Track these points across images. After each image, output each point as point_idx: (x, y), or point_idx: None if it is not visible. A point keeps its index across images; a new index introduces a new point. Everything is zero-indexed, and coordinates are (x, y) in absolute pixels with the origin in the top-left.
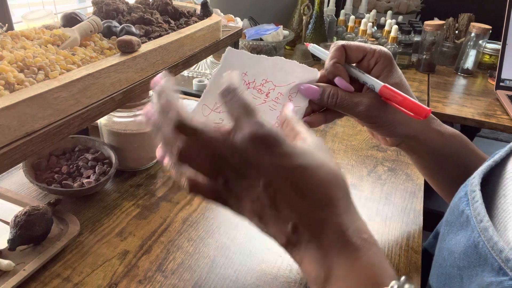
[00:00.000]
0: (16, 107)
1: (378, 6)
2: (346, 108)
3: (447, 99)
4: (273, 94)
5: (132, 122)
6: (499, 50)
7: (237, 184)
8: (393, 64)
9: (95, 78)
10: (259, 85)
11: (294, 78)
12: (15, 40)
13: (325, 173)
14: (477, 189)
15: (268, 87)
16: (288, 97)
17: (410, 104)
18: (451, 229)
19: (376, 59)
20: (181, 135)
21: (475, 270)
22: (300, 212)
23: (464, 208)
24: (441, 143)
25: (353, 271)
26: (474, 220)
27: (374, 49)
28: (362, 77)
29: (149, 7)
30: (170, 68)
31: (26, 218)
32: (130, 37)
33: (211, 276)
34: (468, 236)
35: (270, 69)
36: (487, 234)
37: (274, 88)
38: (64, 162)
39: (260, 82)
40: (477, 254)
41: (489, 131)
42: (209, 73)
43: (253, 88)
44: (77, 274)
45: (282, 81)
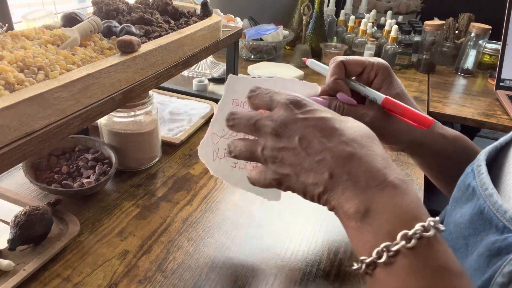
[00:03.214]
0: (16, 107)
1: (378, 6)
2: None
3: (447, 99)
4: None
5: (132, 122)
6: (499, 50)
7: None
8: (392, 75)
9: (95, 78)
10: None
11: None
12: (15, 40)
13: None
14: (482, 164)
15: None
16: None
17: (412, 115)
18: (457, 204)
19: (376, 71)
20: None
21: (480, 236)
22: (332, 153)
23: (470, 182)
24: (444, 146)
25: (393, 205)
26: (480, 189)
27: (373, 62)
28: (364, 91)
29: (149, 7)
30: (170, 68)
31: (26, 218)
32: (130, 37)
33: (211, 276)
34: (473, 205)
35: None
36: (492, 199)
37: None
38: (64, 162)
39: None
40: (482, 219)
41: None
42: (209, 73)
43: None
44: (77, 274)
45: None
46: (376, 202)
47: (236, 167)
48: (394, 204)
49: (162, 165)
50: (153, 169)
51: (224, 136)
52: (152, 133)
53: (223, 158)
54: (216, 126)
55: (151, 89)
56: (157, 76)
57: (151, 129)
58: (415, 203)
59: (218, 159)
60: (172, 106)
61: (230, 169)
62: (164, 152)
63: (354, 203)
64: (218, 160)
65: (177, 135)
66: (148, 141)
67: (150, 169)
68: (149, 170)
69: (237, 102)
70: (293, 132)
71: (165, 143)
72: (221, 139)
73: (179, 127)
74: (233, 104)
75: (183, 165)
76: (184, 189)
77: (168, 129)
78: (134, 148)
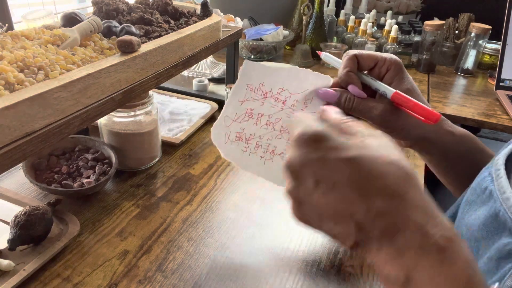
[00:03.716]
0: (16, 107)
1: (378, 6)
2: (362, 111)
3: (447, 99)
4: (290, 102)
5: (132, 122)
6: (499, 50)
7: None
8: (404, 71)
9: (95, 78)
10: (276, 94)
11: (308, 85)
12: (15, 40)
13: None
14: (501, 168)
15: (284, 96)
16: (303, 103)
17: (420, 109)
18: (471, 207)
19: (387, 66)
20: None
21: (492, 239)
22: (359, 206)
23: (488, 185)
24: (453, 143)
25: (440, 274)
26: (498, 193)
27: (385, 57)
28: (374, 84)
29: (149, 7)
30: (170, 68)
31: (26, 218)
32: (130, 37)
33: (211, 276)
34: (489, 208)
35: (286, 78)
36: (509, 203)
37: (290, 96)
38: (64, 162)
39: (277, 91)
40: (497, 222)
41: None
42: (209, 73)
43: (270, 97)
44: (77, 274)
45: (298, 88)
46: (419, 271)
47: (246, 151)
48: (440, 273)
49: (162, 165)
50: (153, 169)
51: (236, 120)
52: (152, 133)
53: (235, 142)
54: (230, 109)
55: (151, 89)
56: (157, 76)
57: (151, 129)
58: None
59: (229, 142)
60: (172, 106)
61: (241, 152)
62: (164, 152)
63: (392, 267)
64: (230, 143)
65: (177, 135)
66: (148, 141)
67: (150, 169)
68: (149, 170)
69: (251, 87)
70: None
71: (165, 143)
72: (233, 123)
73: (179, 127)
74: (247, 89)
75: (183, 165)
76: (184, 189)
77: (168, 129)
78: (134, 148)
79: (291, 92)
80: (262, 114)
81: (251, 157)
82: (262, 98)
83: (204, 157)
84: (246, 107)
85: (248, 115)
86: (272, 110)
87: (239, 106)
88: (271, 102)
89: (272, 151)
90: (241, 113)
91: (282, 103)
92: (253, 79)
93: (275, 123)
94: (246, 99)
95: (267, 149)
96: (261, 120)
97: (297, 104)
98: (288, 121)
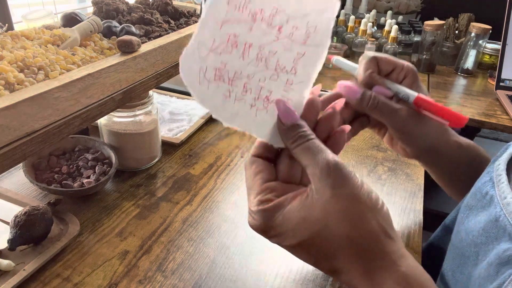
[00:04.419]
0: (16, 107)
1: (378, 6)
2: (385, 113)
3: (447, 99)
4: (287, 29)
5: (132, 122)
6: (499, 50)
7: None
8: (419, 80)
9: (95, 78)
10: (268, 16)
11: (312, 8)
12: (15, 40)
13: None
14: (503, 173)
15: (280, 19)
16: (306, 34)
17: (447, 112)
18: (471, 212)
19: (405, 73)
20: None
21: (491, 244)
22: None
23: (488, 190)
24: (459, 155)
25: None
26: (498, 198)
27: (403, 63)
28: (395, 88)
29: (149, 7)
30: (170, 68)
31: (26, 218)
32: (130, 37)
33: (211, 276)
34: (489, 213)
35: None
36: (509, 208)
37: (287, 20)
38: (64, 162)
39: (270, 13)
40: (496, 228)
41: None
42: None
43: (261, 20)
44: (77, 274)
45: (297, 10)
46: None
47: (230, 97)
48: None
49: (162, 165)
50: (153, 169)
51: (215, 50)
52: (152, 133)
53: (213, 82)
54: (206, 32)
55: (151, 89)
56: (157, 76)
57: (151, 129)
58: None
59: (206, 82)
60: (172, 106)
61: (223, 98)
62: (164, 152)
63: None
64: (206, 83)
65: (177, 135)
66: (148, 141)
67: (150, 169)
68: (149, 170)
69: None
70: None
71: (165, 143)
72: (210, 53)
73: (179, 127)
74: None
75: (183, 165)
76: (184, 189)
77: (168, 129)
78: (134, 148)
79: (289, 14)
80: (251, 44)
81: (238, 105)
82: (251, 20)
83: (204, 157)
84: (228, 31)
85: (231, 44)
86: (264, 39)
87: (217, 29)
88: (263, 28)
89: (266, 98)
90: (221, 39)
91: (278, 30)
92: None
93: (269, 57)
94: (228, 19)
95: (259, 94)
96: (250, 52)
97: (296, 33)
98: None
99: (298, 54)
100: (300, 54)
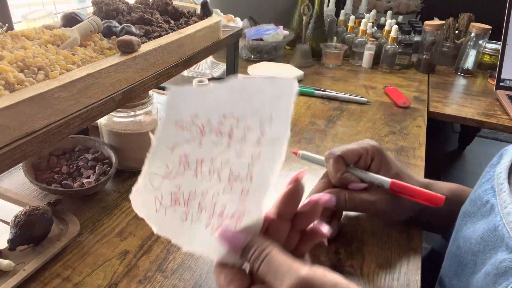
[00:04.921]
0: (16, 107)
1: (378, 6)
2: (366, 207)
3: (447, 99)
4: (238, 132)
5: (132, 122)
6: (499, 50)
7: None
8: (386, 156)
9: (95, 78)
10: (216, 125)
11: (264, 99)
12: (15, 40)
13: None
14: (505, 182)
15: (229, 124)
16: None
17: (424, 195)
18: (470, 219)
19: (371, 156)
20: None
21: (489, 253)
22: None
23: (489, 199)
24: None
25: None
26: (499, 208)
27: (366, 149)
28: (367, 178)
29: (149, 7)
30: (170, 68)
31: (26, 218)
32: (130, 37)
33: (211, 276)
34: (489, 221)
35: (228, 98)
36: (509, 218)
37: (237, 122)
38: (64, 162)
39: (218, 120)
40: (495, 237)
41: (489, 131)
42: (209, 73)
43: (210, 132)
44: (77, 274)
45: (248, 109)
46: None
47: (187, 219)
48: None
49: None
50: None
51: (169, 175)
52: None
53: (170, 208)
54: (157, 162)
55: (151, 89)
56: (157, 76)
57: (151, 129)
58: None
59: (162, 209)
60: None
61: (180, 222)
62: None
63: None
64: (163, 210)
65: None
66: (148, 141)
67: None
68: None
69: (181, 124)
70: None
71: None
72: (165, 181)
73: None
74: (176, 128)
75: None
76: None
77: None
78: (134, 148)
79: (238, 117)
80: (202, 159)
81: (194, 227)
82: (199, 135)
83: None
84: (179, 153)
85: (183, 165)
86: (215, 151)
87: (169, 154)
88: (212, 139)
89: (220, 214)
90: (173, 163)
91: (228, 136)
92: (182, 111)
93: (222, 169)
94: (177, 141)
95: (213, 211)
96: (202, 168)
97: (249, 134)
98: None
99: (252, 158)
100: (255, 156)
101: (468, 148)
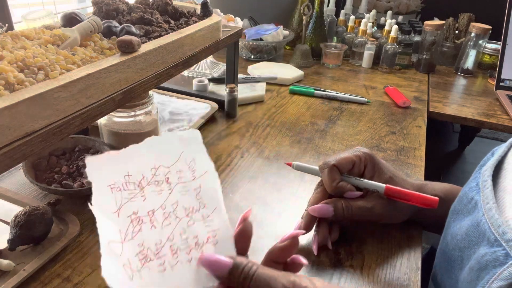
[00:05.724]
0: (16, 107)
1: (378, 6)
2: (362, 215)
3: (447, 99)
4: (174, 177)
5: (132, 122)
6: (499, 50)
7: None
8: (378, 161)
9: (95, 78)
10: (151, 177)
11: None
12: (15, 40)
13: None
14: (489, 179)
15: (163, 172)
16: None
17: (418, 198)
18: (457, 216)
19: (364, 163)
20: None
21: (473, 249)
22: None
23: (474, 196)
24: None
25: None
26: (482, 204)
27: (359, 155)
28: (362, 185)
29: (149, 7)
30: (170, 68)
31: (26, 218)
32: (130, 37)
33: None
34: (473, 218)
35: (149, 154)
36: (490, 213)
37: (169, 169)
38: (64, 162)
39: (151, 173)
40: (477, 232)
41: (489, 131)
42: (209, 73)
43: (147, 184)
44: (77, 274)
45: (170, 157)
46: None
47: (166, 269)
48: None
49: None
50: None
51: (127, 238)
52: (152, 133)
53: (143, 269)
54: (109, 231)
55: (151, 89)
56: (157, 76)
57: (151, 129)
58: None
59: (136, 274)
60: (172, 106)
61: (160, 275)
62: None
63: None
64: (137, 274)
65: None
66: None
67: None
68: None
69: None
70: None
71: None
72: (125, 245)
73: (179, 127)
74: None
75: None
76: None
77: (168, 129)
78: None
79: (167, 165)
80: (153, 209)
81: (177, 269)
82: (139, 190)
83: None
84: (127, 214)
85: (136, 222)
86: (161, 198)
87: (117, 219)
88: (153, 190)
89: (195, 244)
90: (126, 225)
91: (166, 182)
92: (112, 175)
93: (175, 210)
94: (120, 205)
95: (188, 245)
96: (156, 217)
97: (183, 174)
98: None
99: (195, 190)
100: (197, 188)
101: (468, 148)
